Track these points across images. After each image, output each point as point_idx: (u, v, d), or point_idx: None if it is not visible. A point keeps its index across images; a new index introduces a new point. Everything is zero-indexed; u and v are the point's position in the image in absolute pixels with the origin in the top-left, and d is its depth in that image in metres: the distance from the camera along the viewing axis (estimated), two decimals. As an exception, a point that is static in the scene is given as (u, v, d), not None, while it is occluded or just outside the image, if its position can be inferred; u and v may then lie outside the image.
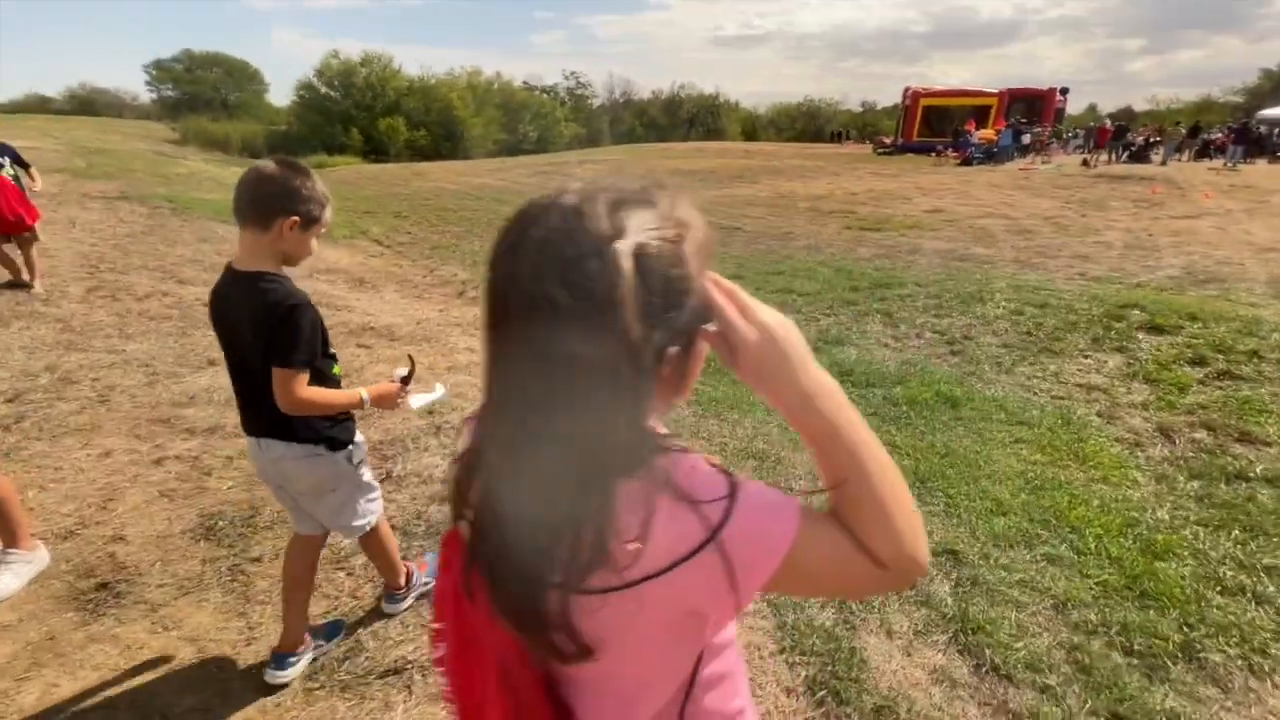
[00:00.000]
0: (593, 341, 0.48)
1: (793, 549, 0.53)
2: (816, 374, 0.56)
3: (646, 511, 0.52)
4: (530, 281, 0.49)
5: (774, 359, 0.55)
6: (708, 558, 0.51)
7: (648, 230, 0.51)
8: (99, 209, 8.84)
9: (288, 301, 1.45)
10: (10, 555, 1.97)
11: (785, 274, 8.02)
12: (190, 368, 3.75)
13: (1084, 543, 2.49)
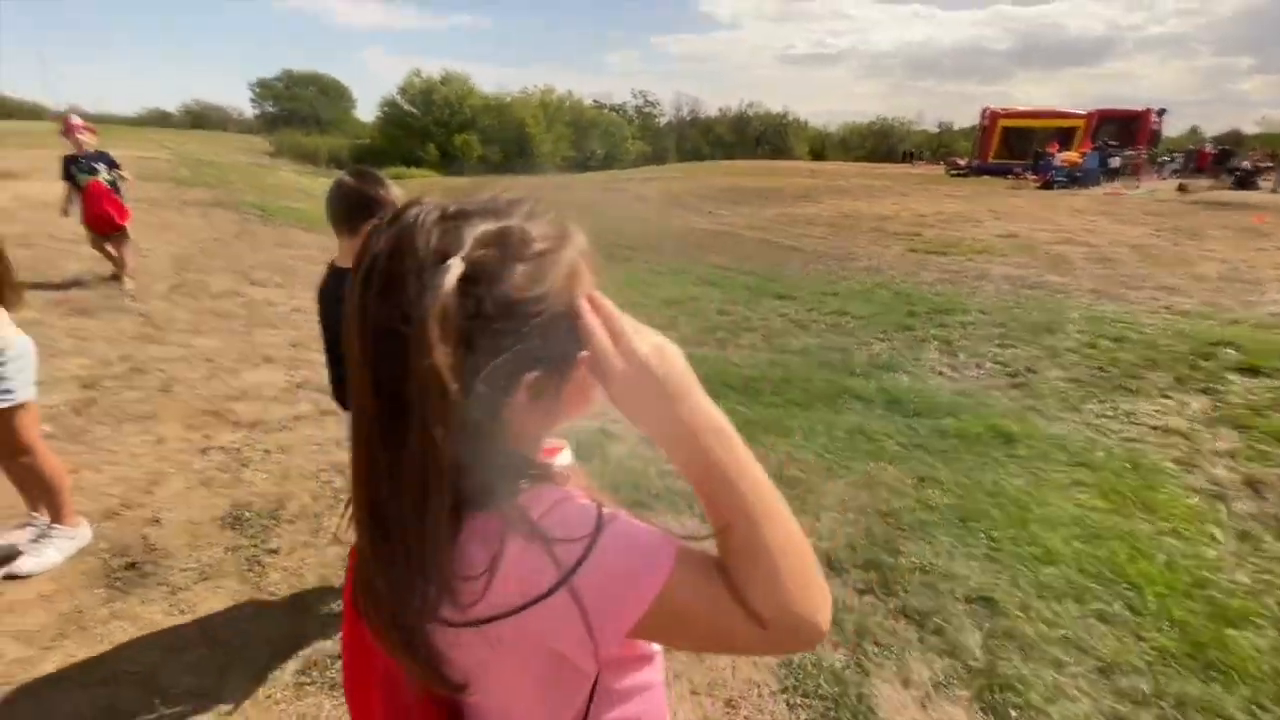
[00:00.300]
0: (417, 367, 0.44)
1: (660, 598, 0.48)
2: (699, 409, 0.51)
3: (496, 547, 0.48)
4: (361, 300, 0.47)
5: (645, 390, 0.50)
6: (560, 601, 0.47)
7: (485, 248, 0.47)
8: (195, 215, 9.60)
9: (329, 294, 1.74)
10: (55, 530, 2.12)
11: (840, 295, 7.79)
12: (248, 364, 3.97)
13: (1143, 601, 2.25)
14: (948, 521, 2.75)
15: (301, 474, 2.78)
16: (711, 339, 5.88)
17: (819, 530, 2.62)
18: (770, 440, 3.56)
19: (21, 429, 1.92)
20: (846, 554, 2.46)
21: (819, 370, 5.02)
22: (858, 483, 3.09)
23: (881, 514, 2.80)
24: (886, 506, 2.85)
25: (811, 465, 3.27)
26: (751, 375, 4.76)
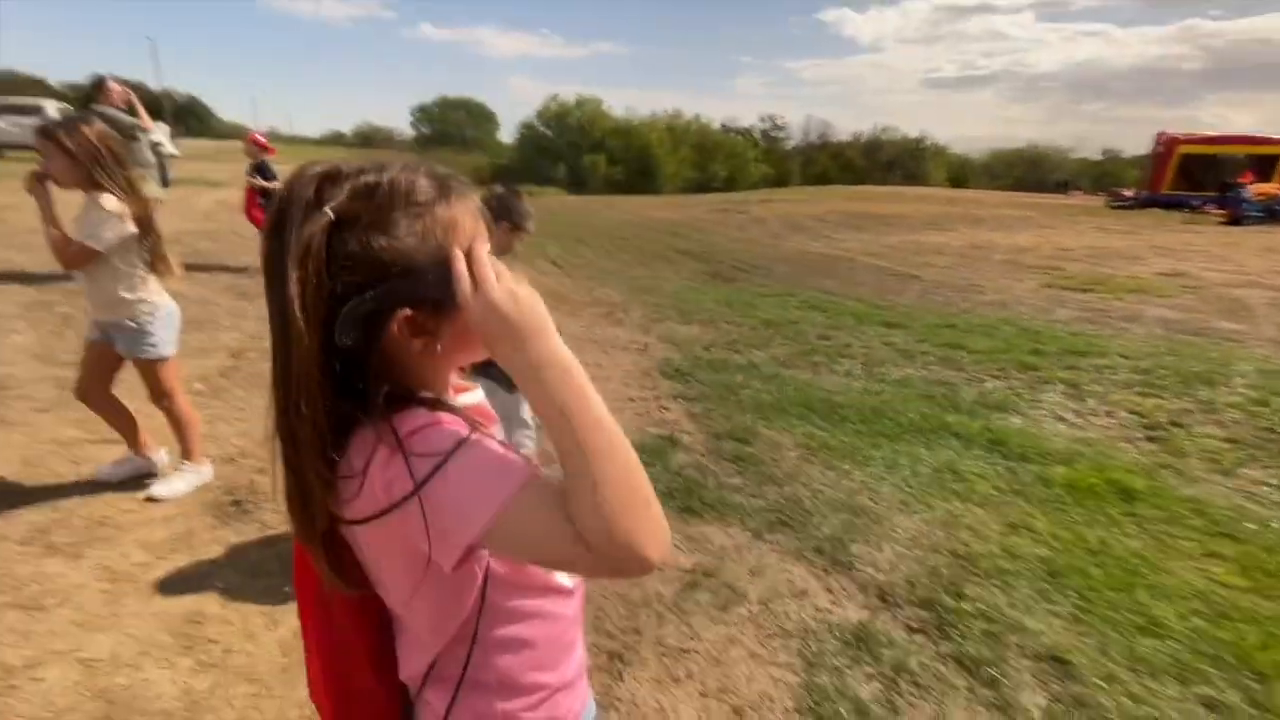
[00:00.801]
0: (283, 294, 0.52)
1: (499, 518, 0.53)
2: (549, 348, 0.54)
3: (368, 455, 0.55)
4: (263, 239, 0.57)
5: (498, 331, 0.54)
6: (413, 508, 0.53)
7: (356, 200, 0.55)
8: (348, 219, 10.86)
9: None
10: (185, 466, 2.53)
11: (957, 328, 7.25)
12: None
13: (1269, 695, 1.89)
14: (1032, 573, 2.48)
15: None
16: (805, 362, 5.70)
17: (877, 561, 2.46)
18: (845, 467, 3.39)
19: (164, 378, 2.32)
20: (903, 589, 2.29)
21: (917, 402, 4.71)
22: (934, 520, 2.87)
23: (954, 555, 2.58)
24: (963, 549, 2.62)
25: (885, 497, 3.08)
26: (840, 401, 4.56)
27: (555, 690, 0.71)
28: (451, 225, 0.58)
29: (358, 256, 0.55)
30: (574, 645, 0.75)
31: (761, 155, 56.22)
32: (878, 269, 12.11)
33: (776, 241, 16.17)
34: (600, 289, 8.73)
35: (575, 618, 0.75)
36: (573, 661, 0.74)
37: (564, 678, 0.72)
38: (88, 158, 2.04)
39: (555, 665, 0.71)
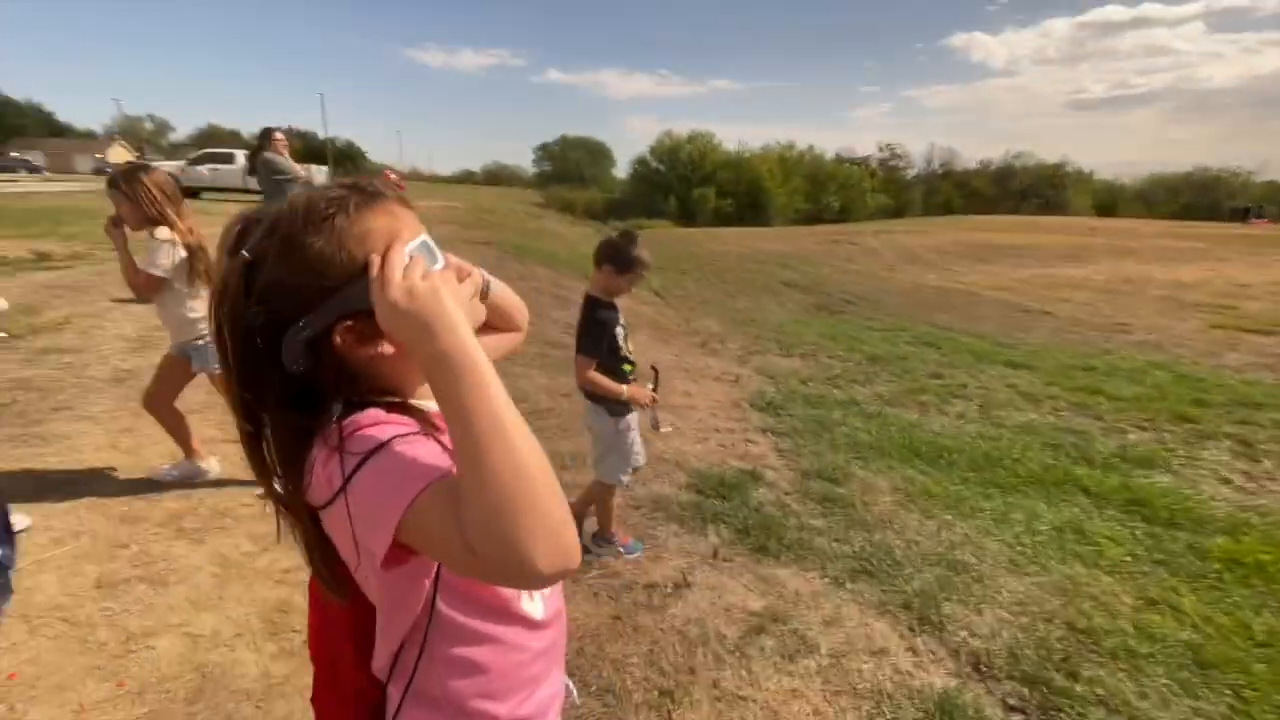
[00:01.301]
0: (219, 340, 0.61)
1: (406, 519, 0.53)
2: (446, 342, 0.53)
3: (316, 453, 0.59)
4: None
5: (398, 328, 0.55)
6: (341, 503, 0.55)
7: (267, 237, 0.59)
8: (468, 250, 11.73)
9: (589, 311, 2.23)
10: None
11: (1096, 371, 6.50)
12: (466, 368, 4.72)
13: None
14: (1174, 660, 2.10)
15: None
16: (912, 401, 5.32)
17: (975, 624, 2.20)
18: (947, 517, 3.10)
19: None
20: (1003, 659, 2.03)
21: (1040, 452, 4.23)
22: (1049, 585, 2.53)
23: (1072, 628, 2.25)
24: (1083, 622, 2.28)
25: (992, 554, 2.76)
26: (948, 445, 4.19)
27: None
28: (364, 235, 0.59)
29: (277, 286, 0.58)
30: (538, 681, 0.72)
31: (879, 185, 54.12)
32: (1003, 304, 11.14)
33: (890, 274, 15.38)
34: (699, 319, 8.72)
35: (545, 652, 0.72)
36: (533, 698, 0.71)
37: (516, 712, 0.69)
38: (144, 201, 2.41)
39: (507, 697, 0.68)
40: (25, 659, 1.69)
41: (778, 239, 24.43)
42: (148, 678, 1.65)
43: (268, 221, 0.60)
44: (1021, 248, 19.11)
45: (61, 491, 2.51)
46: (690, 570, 2.36)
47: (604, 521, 2.47)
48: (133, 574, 2.05)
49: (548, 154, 71.75)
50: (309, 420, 0.60)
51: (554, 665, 0.76)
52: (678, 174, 44.22)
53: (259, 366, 0.59)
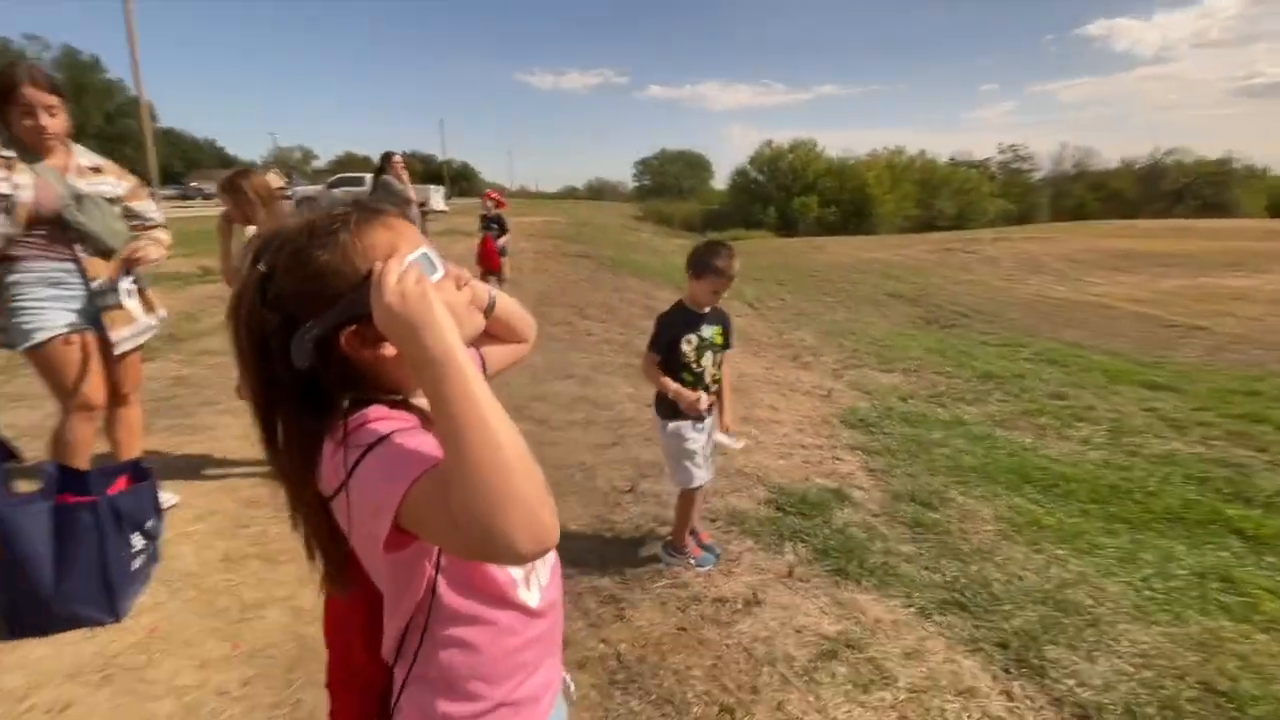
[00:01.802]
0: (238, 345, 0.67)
1: (403, 506, 0.58)
2: (433, 342, 0.58)
3: (327, 447, 0.65)
4: None
5: (389, 330, 0.60)
6: (344, 495, 0.61)
7: (280, 251, 0.65)
8: (566, 263, 12.18)
9: (662, 313, 2.34)
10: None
11: (1262, 396, 5.66)
12: (556, 377, 4.89)
13: None
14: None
15: (553, 463, 3.31)
16: (1028, 423, 4.87)
17: (1084, 673, 1.97)
18: (1059, 552, 2.80)
19: None
20: (1117, 715, 1.80)
21: (1182, 486, 3.73)
22: (1184, 639, 2.22)
23: (1208, 688, 1.95)
24: (1224, 683, 1.98)
25: (1113, 597, 2.46)
26: (1067, 473, 3.80)
27: (498, 705, 0.72)
28: (366, 249, 0.65)
29: (288, 294, 0.64)
30: (532, 667, 0.76)
31: (999, 189, 50.21)
32: (1144, 318, 9.93)
33: (1009, 284, 14.19)
34: (793, 332, 8.48)
35: (538, 640, 0.76)
36: (526, 683, 0.75)
37: (510, 695, 0.73)
38: (242, 201, 2.74)
39: (502, 680, 0.73)
40: (163, 617, 1.95)
41: (884, 248, 23.28)
42: (257, 642, 1.85)
43: (281, 237, 0.67)
44: (1169, 255, 16.98)
45: (202, 475, 2.88)
46: (762, 587, 2.29)
47: (677, 531, 2.46)
48: (251, 551, 2.31)
49: (647, 168, 73.11)
50: (318, 420, 0.66)
51: (548, 654, 0.79)
52: (778, 184, 43.43)
53: (272, 367, 0.65)
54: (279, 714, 1.61)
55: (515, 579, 0.74)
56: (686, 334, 2.27)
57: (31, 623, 1.79)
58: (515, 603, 0.73)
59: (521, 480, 0.55)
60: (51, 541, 1.75)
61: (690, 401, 2.23)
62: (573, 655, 1.89)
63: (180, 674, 1.72)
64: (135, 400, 2.52)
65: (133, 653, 1.78)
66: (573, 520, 2.78)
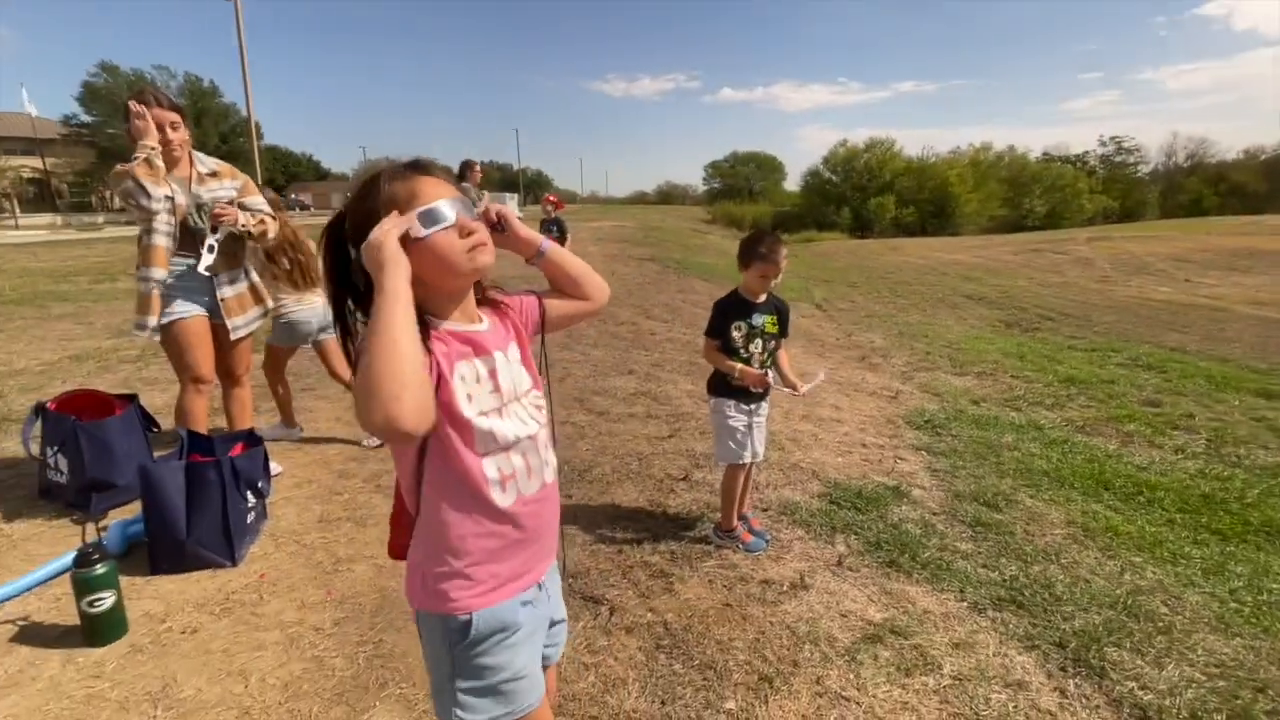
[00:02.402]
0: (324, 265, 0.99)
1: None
2: (381, 279, 0.81)
3: None
4: None
5: (367, 258, 0.85)
6: None
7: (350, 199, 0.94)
8: (633, 265, 12.39)
9: (718, 300, 2.47)
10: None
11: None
12: (617, 373, 5.04)
13: None
14: None
15: (611, 451, 3.47)
16: (1114, 430, 4.60)
17: (1148, 677, 1.90)
18: (1136, 560, 2.68)
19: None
20: (1179, 719, 1.74)
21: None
22: (1269, 653, 2.09)
23: (1291, 704, 1.84)
24: (1311, 699, 1.86)
25: (1191, 607, 2.34)
26: (1153, 480, 3.59)
27: (456, 574, 0.92)
28: (390, 198, 0.89)
29: (349, 228, 0.92)
30: (495, 555, 0.94)
31: (1098, 185, 46.61)
32: (1263, 321, 9.06)
33: (1104, 286, 13.24)
34: (862, 333, 8.30)
35: (506, 537, 0.94)
36: (484, 566, 0.93)
37: (467, 569, 0.92)
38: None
39: (462, 555, 0.92)
40: (271, 565, 2.24)
41: (965, 249, 22.20)
42: (346, 591, 2.10)
43: (353, 189, 0.94)
44: (1298, 253, 15.29)
45: (302, 450, 3.24)
46: (810, 573, 2.34)
47: (726, 513, 2.54)
48: (343, 515, 2.59)
49: (718, 171, 72.78)
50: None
51: (517, 553, 0.96)
52: (853, 184, 42.20)
53: (343, 277, 0.94)
54: (363, 650, 1.83)
55: (491, 479, 0.91)
56: (737, 320, 2.37)
57: (169, 562, 2.11)
58: (484, 498, 0.91)
59: (387, 381, 0.74)
60: (185, 494, 2.06)
61: (756, 378, 2.33)
62: (621, 620, 2.01)
63: (285, 612, 1.98)
64: (246, 381, 2.88)
65: (246, 592, 2.07)
66: (627, 502, 2.91)
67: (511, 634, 0.95)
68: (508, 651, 0.94)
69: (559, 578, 1.13)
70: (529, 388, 1.01)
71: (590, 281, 1.13)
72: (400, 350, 0.75)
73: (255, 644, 1.82)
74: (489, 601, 0.93)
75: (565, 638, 1.17)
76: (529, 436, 0.96)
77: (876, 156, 42.40)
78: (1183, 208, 44.56)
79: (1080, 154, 53.87)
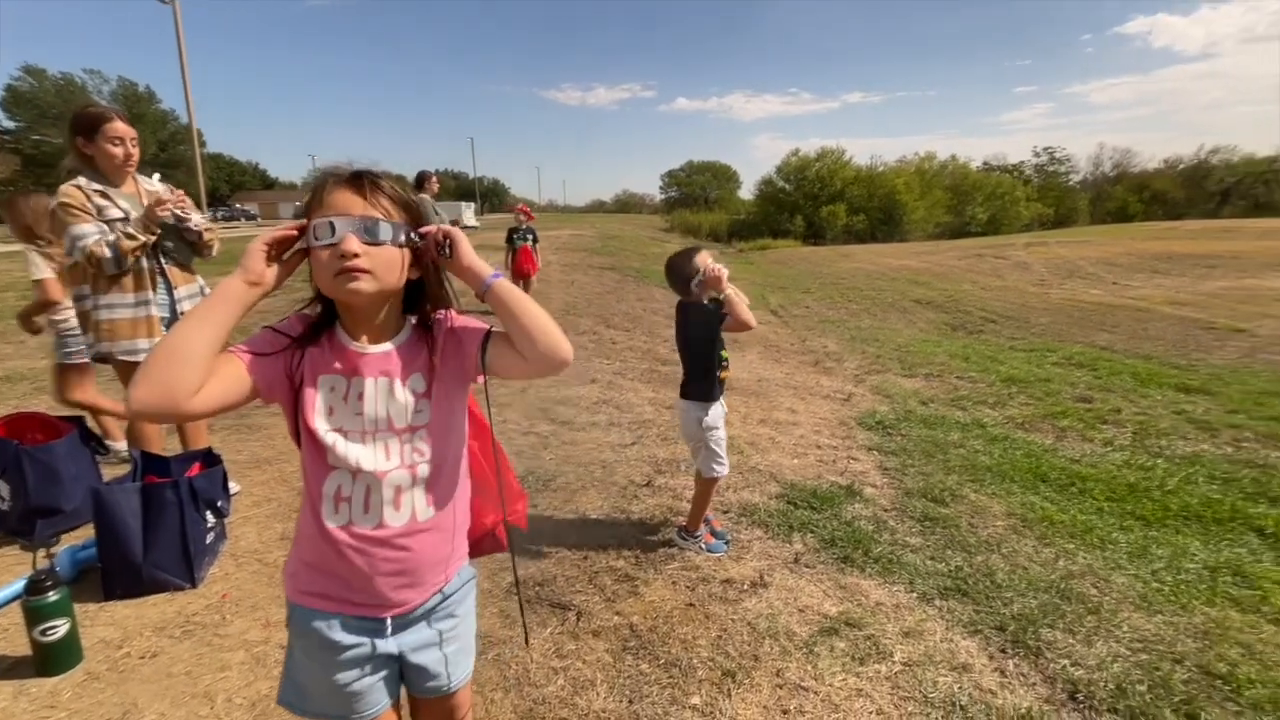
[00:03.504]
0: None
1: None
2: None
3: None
4: None
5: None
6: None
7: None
8: (593, 274, 12.44)
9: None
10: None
11: (1297, 398, 5.52)
12: (579, 382, 5.09)
13: None
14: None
15: (575, 460, 3.51)
16: (1050, 426, 4.89)
17: (1079, 654, 2.05)
18: (1069, 547, 2.87)
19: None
20: (1107, 691, 1.89)
21: (1205, 486, 3.74)
22: (1187, 627, 2.28)
23: (1205, 671, 2.02)
24: (1223, 668, 2.04)
25: (1118, 588, 2.53)
26: (1084, 472, 3.84)
27: (292, 561, 0.99)
28: (309, 204, 0.92)
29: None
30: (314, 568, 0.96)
31: (1034, 194, 49.10)
32: (1182, 321, 9.70)
33: (1041, 289, 13.95)
34: (816, 338, 8.55)
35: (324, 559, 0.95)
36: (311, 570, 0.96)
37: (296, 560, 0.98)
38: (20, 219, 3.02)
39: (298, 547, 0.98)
40: (233, 585, 2.20)
41: (913, 255, 23.03)
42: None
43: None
44: (1213, 256, 16.45)
45: (260, 467, 3.17)
46: (769, 571, 2.44)
47: (693, 517, 2.62)
48: (305, 533, 2.56)
49: (674, 179, 73.74)
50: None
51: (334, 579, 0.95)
52: (805, 192, 43.26)
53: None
54: (332, 667, 1.83)
55: (325, 494, 0.92)
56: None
57: (124, 587, 2.05)
58: (316, 509, 0.92)
59: (164, 364, 0.80)
60: (141, 516, 2.01)
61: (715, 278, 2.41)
62: (588, 625, 2.07)
63: (249, 631, 1.95)
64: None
65: (208, 613, 2.03)
66: (592, 510, 2.96)
67: (315, 644, 0.95)
68: (308, 656, 0.97)
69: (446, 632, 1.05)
70: (409, 424, 0.94)
71: (541, 339, 0.93)
72: (171, 338, 0.82)
73: (219, 665, 1.80)
74: (303, 602, 0.96)
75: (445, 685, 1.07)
76: (375, 472, 0.91)
77: (827, 165, 43.62)
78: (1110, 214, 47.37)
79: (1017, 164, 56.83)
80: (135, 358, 2.36)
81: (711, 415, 2.51)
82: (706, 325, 2.47)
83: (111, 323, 2.35)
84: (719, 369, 2.52)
